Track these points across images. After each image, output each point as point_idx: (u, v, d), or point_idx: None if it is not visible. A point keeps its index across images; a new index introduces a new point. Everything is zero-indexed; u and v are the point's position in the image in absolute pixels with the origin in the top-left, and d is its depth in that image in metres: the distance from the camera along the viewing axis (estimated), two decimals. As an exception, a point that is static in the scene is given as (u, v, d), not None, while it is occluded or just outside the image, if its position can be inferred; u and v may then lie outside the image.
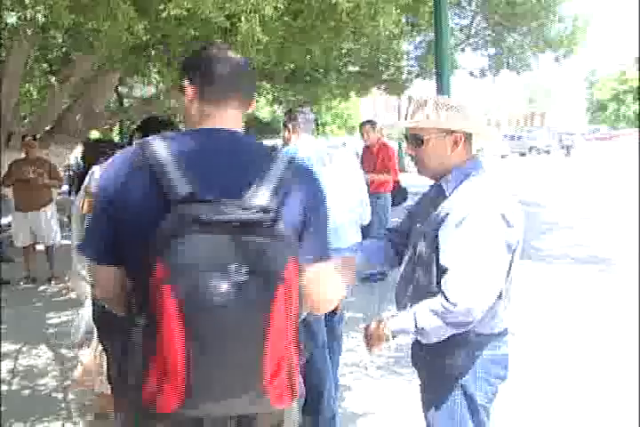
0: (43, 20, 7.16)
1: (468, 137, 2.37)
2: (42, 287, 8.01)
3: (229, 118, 1.85)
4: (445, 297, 2.13)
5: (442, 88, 5.95)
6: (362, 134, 8.41)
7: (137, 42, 6.25)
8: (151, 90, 15.95)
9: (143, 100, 14.63)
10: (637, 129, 51.59)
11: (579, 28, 11.49)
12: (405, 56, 13.47)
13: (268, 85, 14.57)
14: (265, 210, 1.56)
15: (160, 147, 1.69)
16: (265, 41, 6.10)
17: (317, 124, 4.23)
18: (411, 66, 13.82)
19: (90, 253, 1.78)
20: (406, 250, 2.49)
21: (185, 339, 1.45)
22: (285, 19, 6.57)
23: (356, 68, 13.18)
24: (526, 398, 4.11)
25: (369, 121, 8.67)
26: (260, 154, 1.79)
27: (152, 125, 3.20)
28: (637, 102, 63.14)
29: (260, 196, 1.64)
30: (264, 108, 25.76)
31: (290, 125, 3.99)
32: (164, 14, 5.10)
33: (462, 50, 12.83)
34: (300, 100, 16.46)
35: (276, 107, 24.52)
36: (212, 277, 1.46)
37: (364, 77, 13.32)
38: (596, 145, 50.92)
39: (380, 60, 12.62)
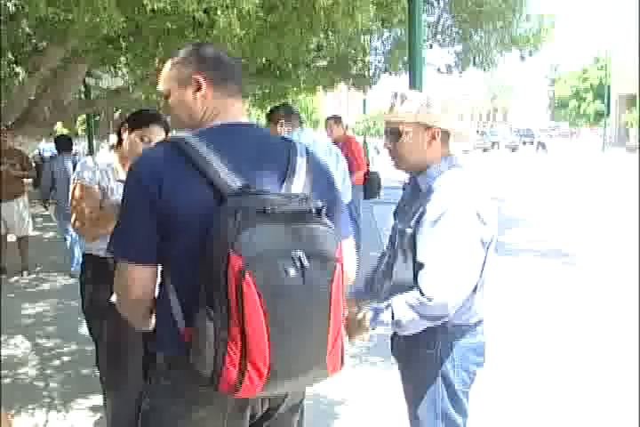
0: (13, 9, 7.13)
1: (445, 134, 2.42)
2: (14, 278, 7.98)
3: (242, 111, 1.93)
4: (421, 291, 2.20)
5: (414, 84, 6.05)
6: (327, 129, 8.48)
7: (112, 33, 6.24)
8: (118, 81, 15.84)
9: (110, 91, 14.51)
10: (597, 127, 52.51)
11: (545, 27, 11.67)
12: (373, 51, 13.57)
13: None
14: (309, 199, 1.67)
15: (197, 142, 1.72)
16: (241, 35, 6.15)
17: (301, 121, 4.54)
18: (378, 61, 13.92)
19: (128, 253, 1.74)
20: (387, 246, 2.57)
21: (266, 324, 1.50)
22: (260, 13, 6.61)
23: (325, 63, 13.22)
24: (497, 382, 4.27)
25: (333, 116, 8.70)
26: (280, 145, 1.89)
27: (143, 118, 3.25)
28: (597, 100, 64.15)
29: (297, 185, 1.77)
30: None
31: (283, 121, 4.43)
32: (148, 8, 5.12)
33: (430, 46, 12.94)
34: (267, 94, 16.48)
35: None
36: (282, 263, 1.53)
37: (333, 72, 13.37)
38: (558, 142, 51.63)
39: (349, 56, 12.68)
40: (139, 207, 1.71)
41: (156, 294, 1.81)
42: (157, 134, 3.18)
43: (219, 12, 5.81)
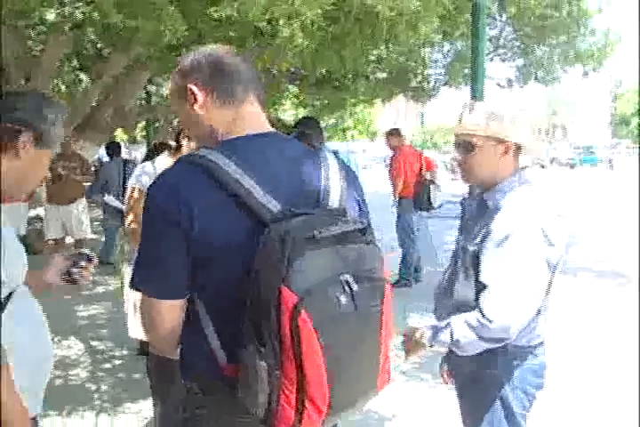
0: (80, 16, 7.27)
1: (518, 148, 2.36)
2: (70, 280, 8.09)
3: (260, 118, 1.73)
4: (482, 313, 2.15)
5: (475, 97, 5.97)
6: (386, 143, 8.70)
7: (174, 41, 6.30)
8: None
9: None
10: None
11: (610, 42, 11.42)
12: (433, 64, 13.48)
13: (296, 89, 14.62)
14: (348, 215, 1.58)
15: (221, 159, 1.55)
16: (304, 45, 6.14)
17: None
18: (438, 74, 13.83)
19: (155, 289, 1.59)
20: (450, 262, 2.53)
21: (323, 358, 1.40)
22: (322, 24, 6.61)
23: (384, 75, 13.17)
24: (553, 404, 4.15)
25: (390, 129, 8.76)
26: (311, 155, 1.73)
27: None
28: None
29: (334, 198, 1.64)
30: (288, 111, 25.79)
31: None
32: (212, 17, 5.16)
33: (491, 59, 12.80)
34: (326, 105, 16.50)
35: (300, 110, 24.60)
36: (333, 290, 1.43)
37: (392, 84, 13.31)
38: (619, 158, 50.49)
39: (409, 68, 12.61)
40: (166, 238, 1.55)
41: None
42: None
43: (281, 22, 5.82)
